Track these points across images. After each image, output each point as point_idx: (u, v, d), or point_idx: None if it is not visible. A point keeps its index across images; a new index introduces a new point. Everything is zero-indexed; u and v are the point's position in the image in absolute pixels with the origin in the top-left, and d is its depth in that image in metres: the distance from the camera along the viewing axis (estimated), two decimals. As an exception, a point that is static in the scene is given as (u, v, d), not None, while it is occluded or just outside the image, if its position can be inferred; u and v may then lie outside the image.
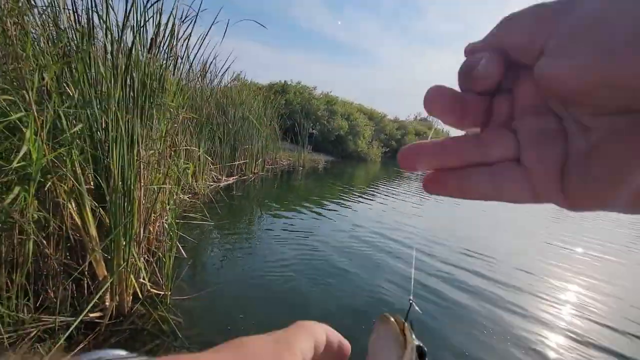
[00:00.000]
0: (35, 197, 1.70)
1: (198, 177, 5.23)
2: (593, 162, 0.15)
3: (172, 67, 2.73)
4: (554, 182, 0.17)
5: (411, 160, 0.19)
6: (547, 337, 2.35)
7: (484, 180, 0.18)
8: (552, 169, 0.17)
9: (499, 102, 0.19)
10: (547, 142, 0.17)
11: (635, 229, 7.02)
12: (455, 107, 0.19)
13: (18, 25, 1.66)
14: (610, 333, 2.51)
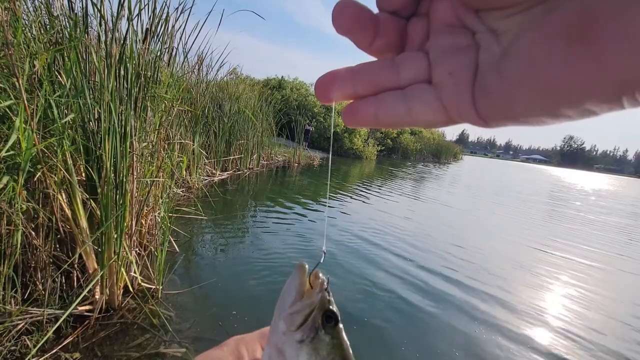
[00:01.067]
0: (25, 187, 1.66)
1: (192, 171, 5.18)
2: (505, 66, 0.14)
3: (166, 58, 2.69)
4: (464, 95, 0.16)
5: (326, 88, 0.19)
6: (526, 347, 2.38)
7: (397, 104, 0.18)
8: (462, 82, 0.16)
9: (414, 25, 0.18)
10: (456, 55, 0.16)
11: (623, 234, 7.15)
12: (367, 24, 0.17)
13: (9, 11, 1.61)
14: (588, 341, 2.55)
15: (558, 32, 0.13)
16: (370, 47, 0.18)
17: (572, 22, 0.12)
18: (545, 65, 0.13)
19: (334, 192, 6.94)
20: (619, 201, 15.51)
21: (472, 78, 0.16)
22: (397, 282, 2.90)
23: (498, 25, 0.15)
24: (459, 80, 0.16)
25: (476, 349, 2.13)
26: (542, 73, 0.13)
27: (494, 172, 26.27)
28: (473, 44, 0.16)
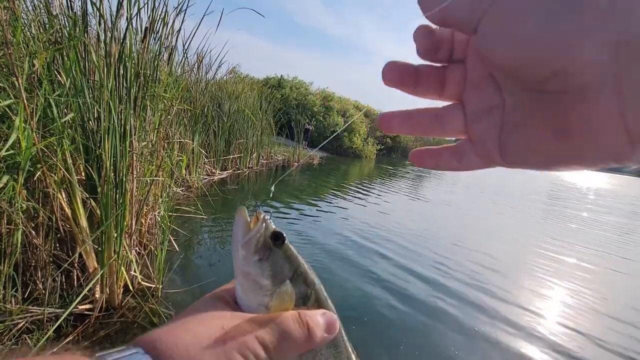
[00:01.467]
0: (24, 186, 1.66)
1: (192, 170, 5.18)
2: (519, 132, 0.19)
3: (166, 57, 2.69)
4: (494, 151, 0.21)
5: (387, 124, 0.25)
6: (520, 345, 2.39)
7: (451, 159, 0.24)
8: (492, 141, 0.21)
9: (452, 72, 0.23)
10: (486, 116, 0.21)
11: (617, 233, 7.17)
12: (409, 79, 0.23)
13: (8, 10, 1.61)
14: (585, 341, 2.56)
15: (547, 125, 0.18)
16: (414, 92, 0.24)
17: (555, 124, 0.18)
18: (539, 146, 0.19)
19: (332, 191, 6.95)
20: (618, 200, 15.54)
21: (498, 137, 0.21)
22: (396, 282, 2.91)
23: (516, 92, 0.19)
24: (489, 140, 0.21)
25: (475, 348, 2.14)
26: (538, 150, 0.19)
27: (493, 172, 26.36)
28: (500, 103, 0.20)
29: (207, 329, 0.24)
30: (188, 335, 0.23)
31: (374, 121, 21.58)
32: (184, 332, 0.23)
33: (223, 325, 0.24)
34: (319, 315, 0.29)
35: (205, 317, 0.25)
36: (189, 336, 0.23)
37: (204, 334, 0.23)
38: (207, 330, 0.24)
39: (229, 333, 0.24)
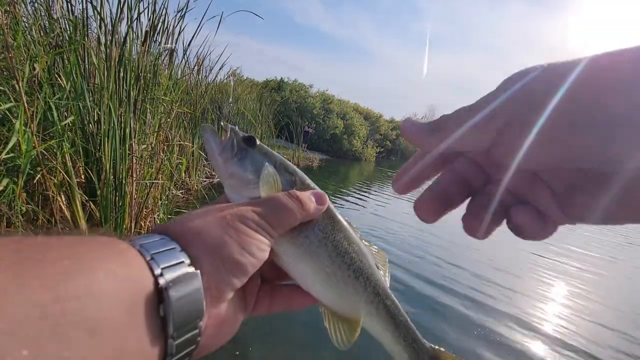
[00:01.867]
0: (24, 189, 1.67)
1: (191, 172, 5.19)
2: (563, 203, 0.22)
3: (166, 61, 2.70)
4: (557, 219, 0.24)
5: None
6: (524, 347, 2.39)
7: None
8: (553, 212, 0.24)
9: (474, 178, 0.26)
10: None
11: (617, 237, 7.17)
12: (441, 211, 0.26)
13: (9, 14, 1.62)
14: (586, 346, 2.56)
15: (612, 197, 0.20)
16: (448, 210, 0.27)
17: (618, 198, 0.20)
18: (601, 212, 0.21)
19: (332, 193, 6.95)
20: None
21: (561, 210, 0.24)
22: (395, 285, 2.91)
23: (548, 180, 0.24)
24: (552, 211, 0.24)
25: (473, 348, 2.13)
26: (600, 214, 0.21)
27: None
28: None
29: (209, 210, 0.28)
30: (195, 218, 0.27)
31: (372, 124, 21.32)
32: (191, 217, 0.27)
33: (222, 208, 0.28)
34: (307, 191, 0.33)
35: (205, 209, 0.29)
36: (195, 218, 0.27)
37: (207, 215, 0.27)
38: (210, 211, 0.28)
39: (229, 210, 0.28)
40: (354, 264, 0.34)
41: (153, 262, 0.21)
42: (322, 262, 0.33)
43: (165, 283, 0.21)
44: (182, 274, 0.22)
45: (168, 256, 0.22)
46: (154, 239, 0.23)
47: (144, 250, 0.22)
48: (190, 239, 0.25)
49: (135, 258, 0.21)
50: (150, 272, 0.21)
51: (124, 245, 0.22)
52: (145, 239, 0.23)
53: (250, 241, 0.27)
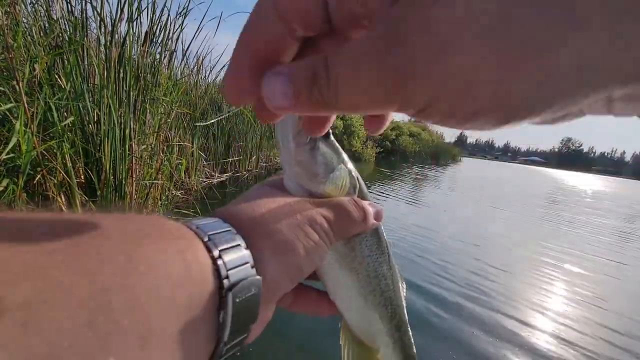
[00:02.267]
0: (24, 189, 1.67)
1: (191, 173, 5.19)
2: None
3: (166, 61, 2.70)
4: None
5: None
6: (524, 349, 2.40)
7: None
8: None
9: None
10: None
11: (613, 237, 7.19)
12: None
13: (9, 15, 1.63)
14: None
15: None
16: None
17: None
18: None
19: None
20: (617, 203, 15.59)
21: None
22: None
23: None
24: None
25: (471, 349, 2.14)
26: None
27: (492, 175, 26.44)
28: None
29: (280, 207, 0.26)
30: (264, 209, 0.25)
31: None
32: (260, 207, 0.25)
33: (292, 204, 0.27)
34: (368, 203, 0.31)
35: (273, 197, 0.27)
36: (265, 210, 0.25)
37: (277, 209, 0.26)
38: (280, 207, 0.26)
39: (298, 209, 0.26)
40: (387, 292, 0.33)
41: (220, 262, 0.19)
42: (359, 280, 0.31)
43: (229, 285, 0.19)
44: (247, 280, 0.20)
45: (235, 257, 0.20)
46: (221, 229, 0.21)
47: (211, 245, 0.20)
48: (259, 237, 0.23)
49: (199, 252, 0.19)
50: (213, 274, 0.19)
51: (189, 234, 0.20)
52: (211, 228, 0.21)
53: (316, 249, 0.26)
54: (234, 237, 0.22)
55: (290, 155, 0.30)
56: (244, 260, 0.21)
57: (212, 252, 0.20)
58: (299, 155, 0.30)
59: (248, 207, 0.25)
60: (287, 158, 0.30)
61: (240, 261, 0.21)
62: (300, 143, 0.30)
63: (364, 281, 0.32)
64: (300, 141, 0.30)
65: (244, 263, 0.21)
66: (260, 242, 0.23)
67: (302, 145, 0.30)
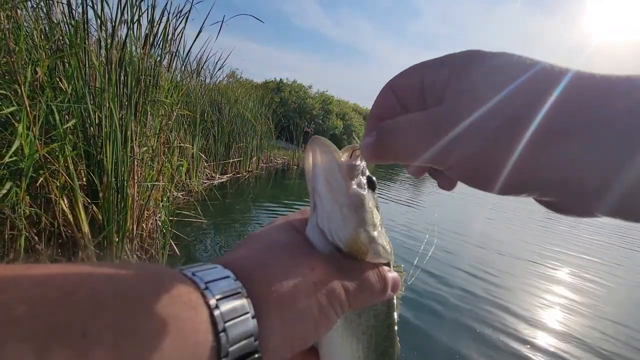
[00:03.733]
0: (27, 192, 1.68)
1: (192, 174, 5.20)
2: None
3: (166, 63, 2.71)
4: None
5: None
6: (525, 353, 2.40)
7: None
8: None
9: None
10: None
11: (612, 238, 7.18)
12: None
13: (11, 19, 1.64)
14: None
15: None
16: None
17: None
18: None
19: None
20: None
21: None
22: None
23: None
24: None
25: (471, 351, 2.14)
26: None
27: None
28: None
29: (298, 268, 0.24)
30: (280, 271, 0.23)
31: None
32: (276, 265, 0.23)
33: (313, 267, 0.24)
34: (388, 272, 0.29)
35: (294, 252, 0.25)
36: (281, 272, 0.23)
37: (296, 272, 0.23)
38: (299, 268, 0.24)
39: (320, 277, 0.24)
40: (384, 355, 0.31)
41: (223, 336, 0.19)
42: (358, 350, 0.29)
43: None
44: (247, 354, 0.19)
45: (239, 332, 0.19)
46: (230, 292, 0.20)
47: (216, 311, 0.19)
48: (271, 305, 0.21)
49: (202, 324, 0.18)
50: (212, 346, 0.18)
51: (194, 296, 0.19)
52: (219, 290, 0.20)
53: (327, 323, 0.24)
54: (243, 306, 0.20)
55: (335, 194, 0.27)
56: (249, 333, 0.20)
57: (217, 326, 0.18)
58: (341, 197, 0.27)
59: (264, 264, 0.23)
60: (322, 194, 0.27)
61: (244, 335, 0.19)
62: (349, 184, 0.27)
63: (362, 351, 0.29)
64: (349, 182, 0.27)
65: (249, 337, 0.20)
66: (271, 311, 0.21)
67: (349, 187, 0.27)
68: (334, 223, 0.26)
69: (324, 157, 0.27)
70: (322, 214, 0.27)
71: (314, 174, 0.28)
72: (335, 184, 0.27)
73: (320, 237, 0.27)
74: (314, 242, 0.27)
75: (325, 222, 0.27)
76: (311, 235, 0.27)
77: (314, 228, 0.27)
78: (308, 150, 0.28)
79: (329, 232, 0.27)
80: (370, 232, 0.27)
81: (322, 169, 0.27)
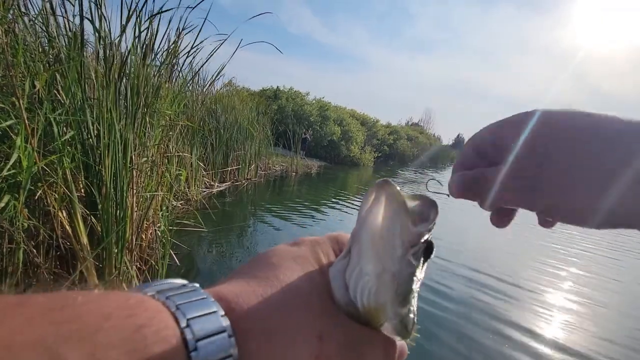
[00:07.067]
0: (25, 205, 1.67)
1: (191, 183, 5.19)
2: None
3: (167, 76, 2.72)
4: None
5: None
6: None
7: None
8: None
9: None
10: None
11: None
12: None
13: (9, 33, 1.65)
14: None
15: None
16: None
17: None
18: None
19: (331, 200, 6.95)
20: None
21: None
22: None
23: None
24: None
25: (470, 352, 2.12)
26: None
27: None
28: None
29: (306, 334, 0.21)
30: (284, 339, 0.20)
31: (369, 129, 21.32)
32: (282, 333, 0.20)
33: (321, 336, 0.21)
34: (398, 345, 0.26)
35: (307, 310, 0.22)
36: (285, 340, 0.20)
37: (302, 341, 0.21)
38: (306, 335, 0.21)
39: (324, 352, 0.21)
40: None
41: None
42: None
43: None
44: None
45: None
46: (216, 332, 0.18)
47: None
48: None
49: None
50: None
51: (169, 322, 0.17)
52: (199, 316, 0.18)
53: None
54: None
55: (383, 256, 0.22)
56: None
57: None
58: (395, 265, 0.22)
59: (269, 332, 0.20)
60: (371, 254, 0.22)
61: None
62: (408, 252, 0.22)
63: None
64: (408, 250, 0.22)
65: None
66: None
67: (407, 257, 0.22)
68: (364, 283, 0.22)
69: (389, 210, 0.22)
70: (355, 266, 0.23)
71: (365, 220, 0.23)
72: (389, 248, 0.22)
73: (342, 287, 0.23)
74: (334, 288, 0.23)
75: (355, 276, 0.23)
76: (333, 280, 0.24)
77: (338, 274, 0.24)
78: (372, 191, 0.23)
79: (354, 288, 0.23)
80: (398, 310, 0.23)
81: (379, 223, 0.22)
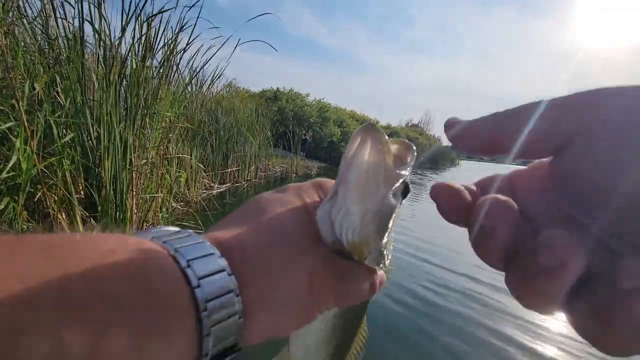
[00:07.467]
0: (25, 207, 1.67)
1: (190, 185, 5.19)
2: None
3: (167, 77, 2.72)
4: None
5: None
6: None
7: None
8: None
9: None
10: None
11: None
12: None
13: (9, 35, 1.65)
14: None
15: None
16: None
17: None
18: None
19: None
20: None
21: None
22: (399, 289, 2.89)
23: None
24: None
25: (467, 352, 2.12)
26: None
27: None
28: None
29: (297, 272, 0.23)
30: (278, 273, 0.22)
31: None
32: (276, 267, 0.22)
33: (312, 272, 0.23)
34: (379, 274, 0.28)
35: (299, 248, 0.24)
36: (279, 275, 0.22)
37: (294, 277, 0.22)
38: (298, 273, 0.23)
39: (316, 285, 0.23)
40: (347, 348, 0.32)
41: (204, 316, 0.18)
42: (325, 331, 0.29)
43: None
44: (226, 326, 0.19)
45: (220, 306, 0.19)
46: (223, 294, 0.19)
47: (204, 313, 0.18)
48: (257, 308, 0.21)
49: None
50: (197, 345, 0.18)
51: (184, 300, 0.18)
52: (209, 286, 0.18)
53: (309, 321, 0.24)
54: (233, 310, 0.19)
55: (366, 196, 0.24)
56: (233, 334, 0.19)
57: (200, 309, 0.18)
58: (377, 204, 0.24)
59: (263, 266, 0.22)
60: (355, 194, 0.24)
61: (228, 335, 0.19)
62: (388, 191, 0.24)
63: (329, 333, 0.29)
64: (389, 189, 0.24)
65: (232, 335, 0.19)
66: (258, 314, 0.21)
67: (388, 197, 0.24)
68: (349, 222, 0.24)
69: (373, 153, 0.24)
70: (341, 207, 0.24)
71: (351, 163, 0.24)
72: (373, 188, 0.24)
73: (329, 227, 0.25)
74: (321, 229, 0.25)
75: (340, 216, 0.24)
76: (320, 221, 0.25)
77: (325, 216, 0.25)
78: (358, 136, 0.25)
79: (340, 227, 0.24)
80: (380, 243, 0.25)
81: (365, 165, 0.24)
